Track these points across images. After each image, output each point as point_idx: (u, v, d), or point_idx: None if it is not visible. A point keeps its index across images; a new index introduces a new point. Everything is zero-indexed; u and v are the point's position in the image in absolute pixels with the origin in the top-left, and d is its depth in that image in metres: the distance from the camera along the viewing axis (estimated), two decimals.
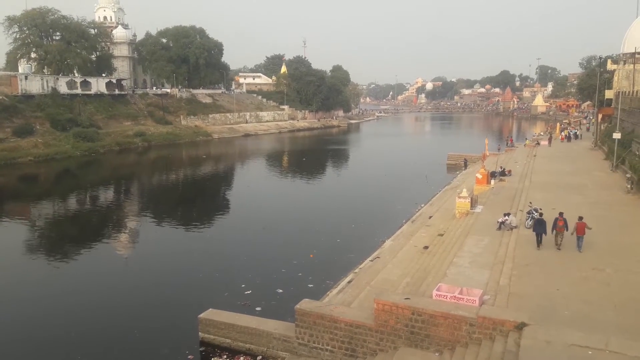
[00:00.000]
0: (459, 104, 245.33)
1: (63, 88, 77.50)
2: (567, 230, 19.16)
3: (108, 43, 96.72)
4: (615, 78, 58.34)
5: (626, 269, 16.79)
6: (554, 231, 19.24)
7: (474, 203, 27.75)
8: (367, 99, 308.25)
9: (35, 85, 72.68)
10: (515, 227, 22.20)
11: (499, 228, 22.38)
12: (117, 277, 23.15)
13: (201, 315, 16.35)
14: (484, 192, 31.95)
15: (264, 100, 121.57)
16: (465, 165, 51.19)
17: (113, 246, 29.01)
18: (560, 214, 19.51)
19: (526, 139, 69.81)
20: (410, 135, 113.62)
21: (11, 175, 51.97)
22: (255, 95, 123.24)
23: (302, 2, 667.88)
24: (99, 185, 48.12)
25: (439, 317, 12.84)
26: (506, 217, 22.65)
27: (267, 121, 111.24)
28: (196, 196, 44.97)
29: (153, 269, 24.26)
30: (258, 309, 18.39)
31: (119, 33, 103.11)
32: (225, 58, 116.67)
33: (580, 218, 19.17)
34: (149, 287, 21.66)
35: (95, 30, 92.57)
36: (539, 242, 19.40)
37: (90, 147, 65.50)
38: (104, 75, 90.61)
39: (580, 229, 18.81)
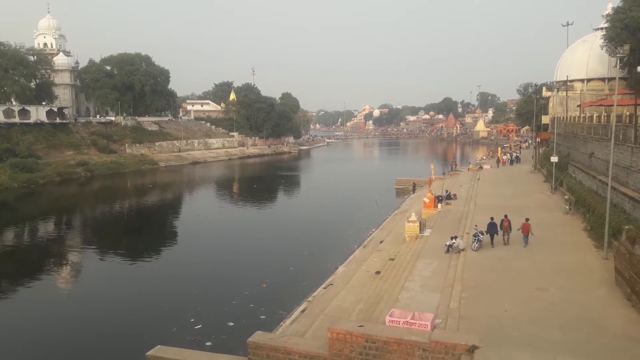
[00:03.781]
0: (405, 130, 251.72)
1: None
2: (510, 230, 23.47)
3: (49, 70, 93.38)
4: (551, 104, 61.65)
5: (569, 288, 17.46)
6: (501, 230, 23.54)
7: (422, 227, 28.29)
8: (317, 125, 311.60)
9: None
10: (463, 249, 22.74)
11: (447, 251, 22.87)
12: (57, 315, 21.95)
13: (149, 353, 15.64)
14: (431, 216, 32.68)
15: (213, 127, 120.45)
16: (414, 189, 52.34)
17: (53, 282, 27.54)
18: (505, 216, 24.07)
19: (469, 163, 72.21)
20: (359, 161, 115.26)
21: None
22: (203, 122, 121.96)
23: (250, 30, 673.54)
24: (39, 218, 45.80)
25: (392, 343, 12.83)
26: (453, 240, 23.19)
27: (216, 148, 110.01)
28: (142, 227, 43.58)
29: (97, 305, 23.10)
30: (208, 343, 17.85)
31: (60, 60, 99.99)
32: (172, 85, 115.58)
33: (527, 219, 23.59)
34: (93, 325, 20.57)
35: (35, 57, 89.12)
36: (492, 241, 23.44)
37: (29, 178, 62.53)
38: (44, 103, 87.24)
39: (525, 229, 23.13)
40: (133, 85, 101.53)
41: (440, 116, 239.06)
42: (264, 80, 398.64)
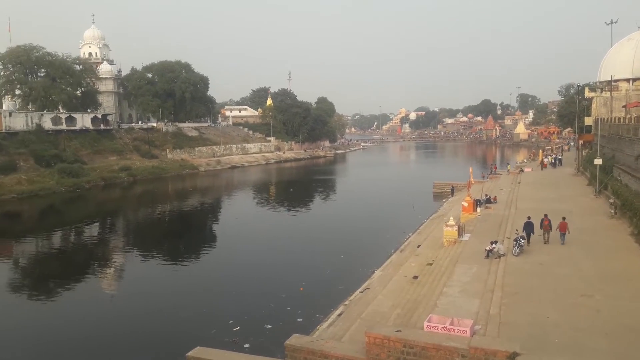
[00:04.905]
0: (442, 133, 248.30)
1: (48, 124, 77.29)
2: (551, 229, 23.72)
3: (93, 79, 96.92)
4: (594, 105, 59.72)
5: (615, 295, 16.84)
6: (541, 229, 23.81)
7: (461, 231, 27.85)
8: (353, 129, 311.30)
9: (19, 122, 72.41)
10: (503, 254, 22.25)
11: (487, 256, 22.42)
12: (102, 315, 22.62)
13: (189, 354, 15.92)
14: (470, 220, 32.13)
15: (251, 132, 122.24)
16: (453, 193, 51.62)
17: (98, 283, 28.48)
18: (545, 215, 24.45)
19: (508, 164, 70.69)
20: (396, 165, 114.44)
21: None
22: (241, 127, 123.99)
23: (286, 37, 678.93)
24: (84, 221, 47.43)
25: (430, 349, 12.68)
26: (494, 245, 22.72)
27: (253, 153, 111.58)
28: (183, 230, 44.54)
29: (139, 306, 23.78)
30: (247, 345, 18.06)
31: (104, 69, 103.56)
32: (211, 91, 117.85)
33: (564, 218, 23.87)
34: (135, 325, 21.20)
35: (81, 66, 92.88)
36: (529, 240, 23.47)
37: (75, 182, 64.88)
38: (89, 110, 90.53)
39: (563, 227, 23.40)
40: (174, 92, 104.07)
41: (479, 118, 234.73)
42: (300, 85, 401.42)
